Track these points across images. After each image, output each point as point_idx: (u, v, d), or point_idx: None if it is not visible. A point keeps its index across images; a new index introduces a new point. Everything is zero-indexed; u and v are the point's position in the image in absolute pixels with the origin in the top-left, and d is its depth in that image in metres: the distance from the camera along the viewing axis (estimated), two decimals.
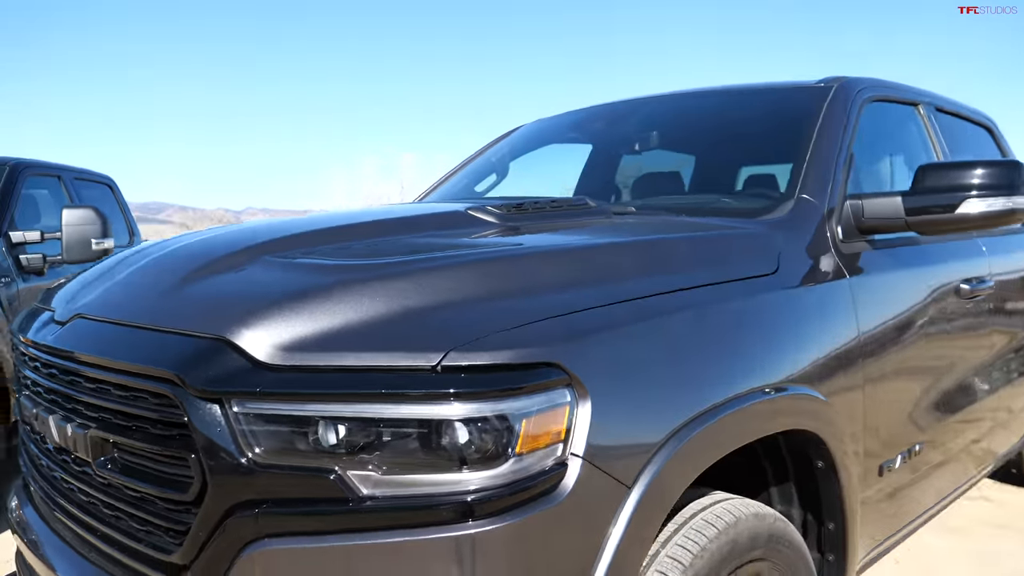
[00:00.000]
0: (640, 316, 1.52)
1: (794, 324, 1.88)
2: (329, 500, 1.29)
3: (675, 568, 1.54)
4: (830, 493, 2.00)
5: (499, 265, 1.53)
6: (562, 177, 3.54)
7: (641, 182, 3.03)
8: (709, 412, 1.55)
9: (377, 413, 1.29)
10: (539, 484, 1.30)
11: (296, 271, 1.54)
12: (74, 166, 5.60)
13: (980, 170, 2.18)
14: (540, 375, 1.32)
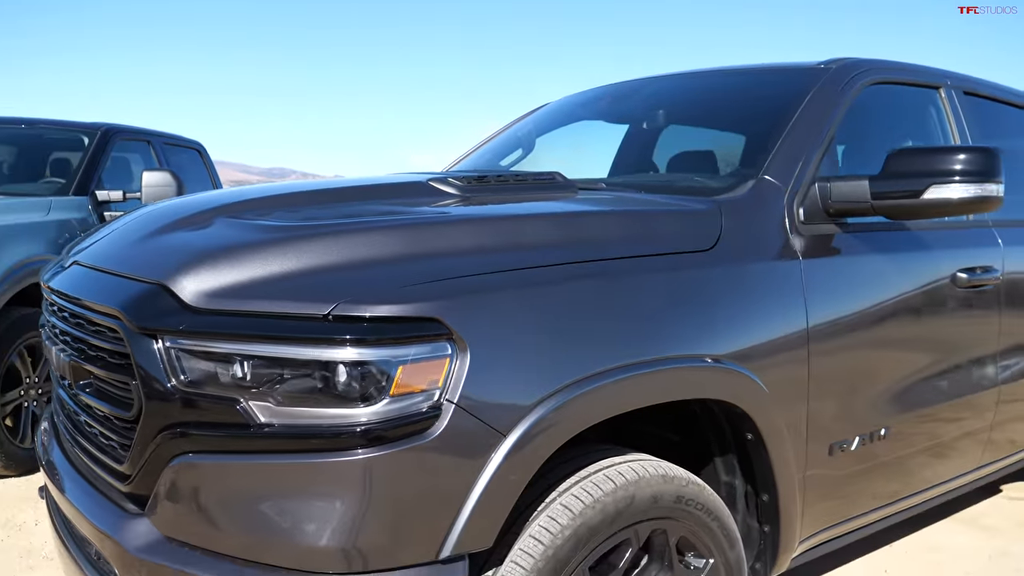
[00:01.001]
0: (535, 282, 1.65)
1: (723, 300, 1.95)
2: (235, 425, 1.49)
3: (565, 515, 1.68)
4: (762, 465, 2.07)
5: (405, 231, 1.69)
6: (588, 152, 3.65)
7: (637, 159, 3.11)
8: (601, 374, 1.66)
9: (276, 353, 1.48)
10: (413, 423, 1.46)
11: (234, 230, 1.74)
12: (165, 132, 6.07)
13: (951, 156, 2.17)
14: (419, 328, 1.48)
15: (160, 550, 1.57)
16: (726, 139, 2.98)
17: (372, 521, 1.46)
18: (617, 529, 1.75)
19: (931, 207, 2.17)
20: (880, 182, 2.20)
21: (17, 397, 4.06)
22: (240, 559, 1.52)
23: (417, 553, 1.49)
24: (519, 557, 1.64)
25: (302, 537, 1.47)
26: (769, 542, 2.18)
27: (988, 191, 2.16)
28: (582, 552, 1.69)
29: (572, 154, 3.65)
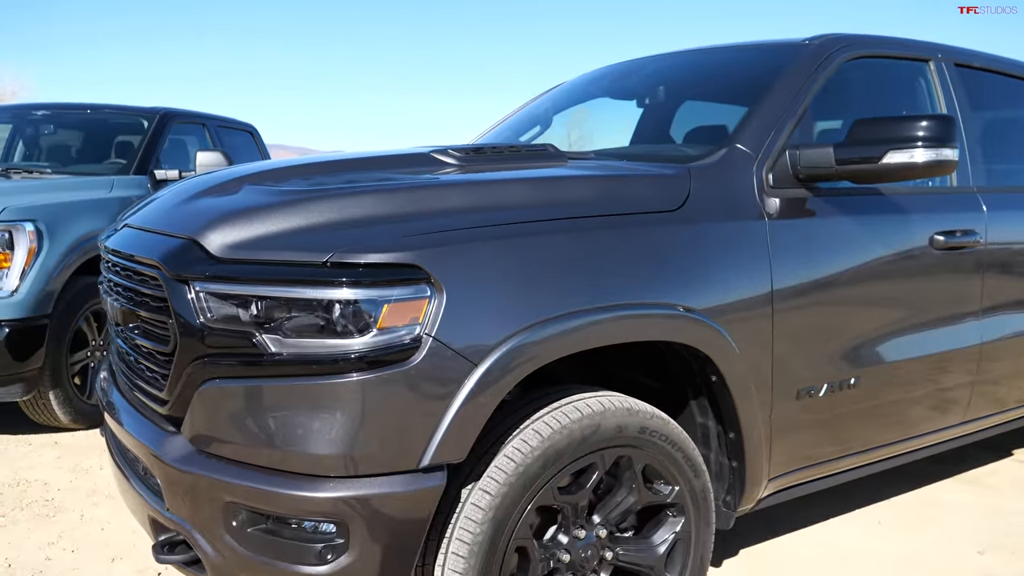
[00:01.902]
0: (510, 235, 1.91)
1: (688, 254, 2.18)
2: (252, 354, 1.79)
3: (535, 438, 1.95)
4: (728, 405, 2.30)
5: (396, 193, 1.96)
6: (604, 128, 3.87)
7: (650, 132, 3.33)
8: (567, 316, 1.91)
9: (284, 294, 1.77)
10: (397, 352, 1.74)
11: (254, 194, 2.04)
12: (219, 115, 6.46)
13: (908, 124, 2.34)
14: (402, 273, 1.76)
15: (193, 460, 1.89)
16: (727, 112, 3.17)
17: (364, 433, 1.74)
18: (583, 453, 2.01)
19: (890, 171, 2.35)
20: (844, 148, 2.39)
21: (84, 358, 4.48)
22: (257, 466, 1.82)
23: (402, 461, 1.77)
24: (494, 472, 1.91)
25: (309, 446, 1.76)
26: (738, 477, 2.41)
27: (943, 155, 2.33)
28: (550, 471, 1.95)
29: (588, 129, 3.88)
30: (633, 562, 2.20)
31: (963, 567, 3.04)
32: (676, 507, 2.23)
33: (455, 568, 1.89)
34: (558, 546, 2.08)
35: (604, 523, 2.14)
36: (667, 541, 2.23)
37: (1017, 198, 3.26)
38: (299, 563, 1.80)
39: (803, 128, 2.60)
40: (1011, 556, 3.15)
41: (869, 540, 3.26)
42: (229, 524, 1.84)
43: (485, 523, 1.88)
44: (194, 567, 1.98)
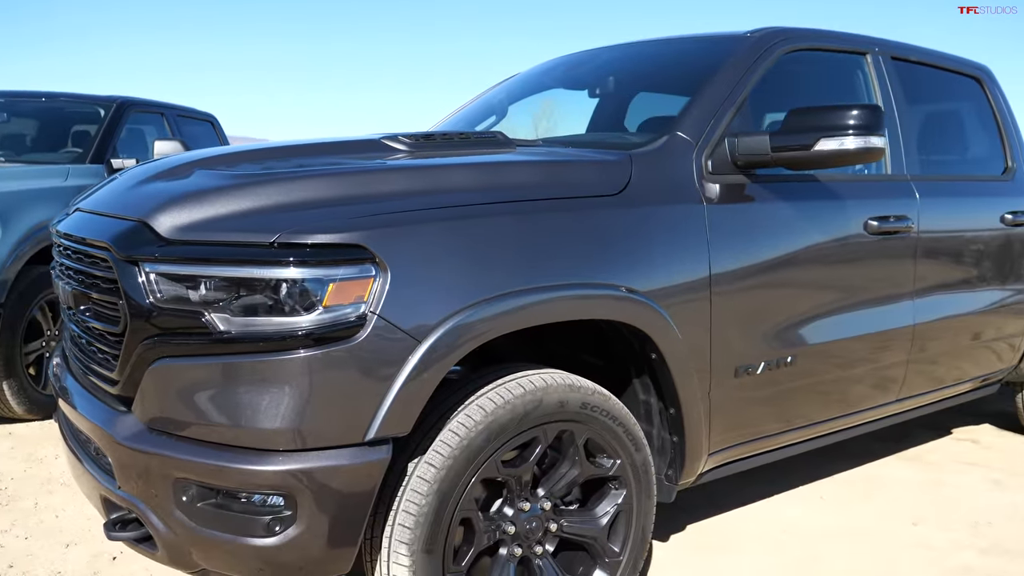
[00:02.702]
0: (454, 217, 1.98)
1: (628, 237, 2.27)
2: (201, 333, 1.84)
3: (479, 413, 2.02)
4: (667, 382, 2.39)
5: (343, 176, 2.02)
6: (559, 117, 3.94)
7: (598, 119, 3.41)
8: (507, 296, 1.99)
9: (232, 274, 1.82)
10: (342, 329, 1.80)
11: (204, 178, 2.08)
12: (178, 104, 6.43)
13: (839, 113, 2.45)
14: (347, 253, 1.82)
15: (143, 438, 1.93)
16: (678, 102, 3.26)
17: (311, 408, 1.80)
18: (526, 428, 2.08)
19: (822, 157, 2.46)
20: (779, 136, 2.49)
21: (39, 348, 4.46)
22: (207, 442, 1.87)
23: (348, 435, 1.84)
24: (440, 446, 1.98)
25: (256, 421, 1.81)
26: (679, 451, 2.51)
27: (871, 143, 2.43)
28: (494, 444, 2.03)
29: (545, 119, 3.95)
30: (577, 533, 2.29)
31: (898, 538, 3.18)
32: (618, 480, 2.32)
33: (401, 539, 1.96)
34: (503, 518, 2.16)
35: (548, 496, 2.22)
36: (609, 513, 2.31)
37: (949, 186, 3.40)
38: (248, 535, 1.86)
39: (744, 117, 2.70)
40: (944, 526, 3.30)
41: (811, 514, 3.39)
42: (179, 500, 1.89)
43: (431, 495, 1.95)
44: (145, 544, 2.02)
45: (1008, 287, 3.68)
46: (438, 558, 1.99)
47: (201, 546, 1.90)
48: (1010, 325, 3.77)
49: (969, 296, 3.47)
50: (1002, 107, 3.91)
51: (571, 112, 3.94)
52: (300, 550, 1.86)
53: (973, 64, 3.87)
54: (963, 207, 3.42)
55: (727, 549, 3.03)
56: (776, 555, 3.00)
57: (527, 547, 2.20)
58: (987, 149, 3.86)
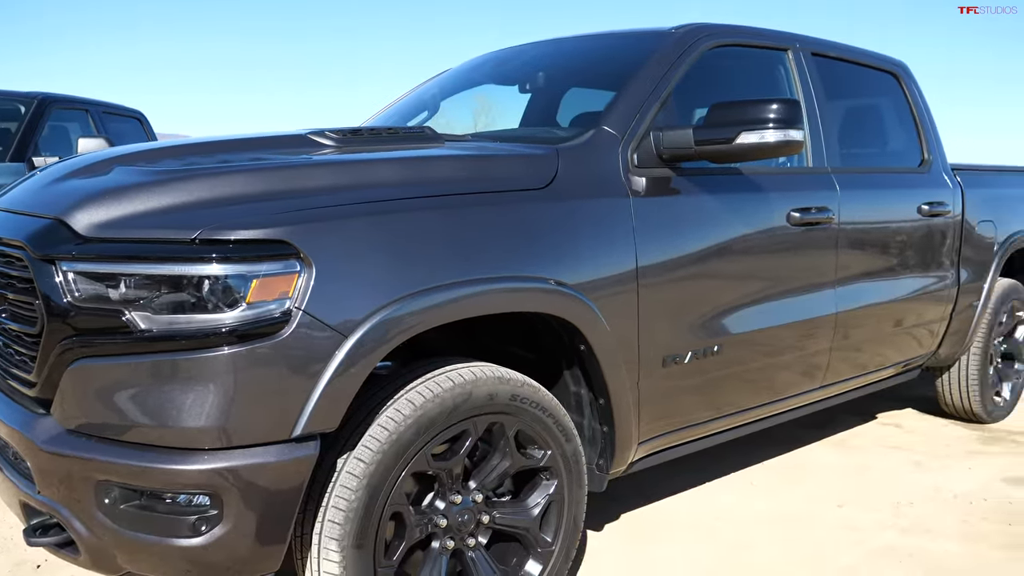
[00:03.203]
0: (379, 212, 1.98)
1: (555, 230, 2.29)
2: (121, 332, 1.80)
3: (408, 407, 2.02)
4: (597, 373, 2.43)
5: (267, 172, 2.01)
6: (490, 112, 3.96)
7: (530, 114, 3.44)
8: (434, 290, 2.00)
9: (153, 271, 1.80)
10: (267, 326, 1.79)
11: (126, 174, 2.04)
12: (104, 101, 6.26)
13: (760, 107, 2.51)
14: (270, 249, 1.80)
15: (63, 441, 1.89)
16: (607, 97, 3.30)
17: (236, 405, 1.78)
18: (456, 421, 2.10)
19: (743, 150, 2.52)
20: (702, 130, 2.55)
21: None
22: (130, 443, 1.84)
23: (274, 432, 1.82)
24: (369, 441, 1.98)
25: (180, 420, 1.79)
26: (609, 441, 2.55)
27: (790, 136, 2.51)
28: (423, 438, 2.04)
29: (477, 114, 3.96)
30: (509, 524, 2.31)
31: (824, 520, 3.28)
32: (549, 471, 2.35)
33: (331, 535, 1.95)
34: (435, 511, 2.17)
35: (480, 488, 2.24)
36: (541, 503, 2.34)
37: (868, 178, 3.52)
38: (173, 536, 1.83)
39: (670, 112, 2.75)
40: (867, 508, 3.41)
41: (742, 500, 3.47)
42: (102, 502, 1.86)
43: (360, 490, 1.95)
44: (67, 549, 1.98)
45: (926, 275, 3.82)
46: (369, 553, 1.99)
47: (126, 549, 1.87)
48: (929, 312, 3.92)
49: (889, 284, 3.59)
50: (918, 101, 4.06)
51: (509, 108, 3.96)
52: (228, 549, 1.84)
53: (890, 60, 4.00)
54: (882, 198, 3.54)
55: (660, 537, 3.09)
56: (708, 542, 3.07)
57: (459, 540, 2.22)
58: (904, 142, 4.00)
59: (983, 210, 4.17)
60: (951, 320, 4.08)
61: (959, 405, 4.55)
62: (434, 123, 3.70)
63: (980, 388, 4.46)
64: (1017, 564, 2.93)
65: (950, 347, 4.20)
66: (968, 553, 3.01)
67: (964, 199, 4.03)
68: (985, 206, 4.19)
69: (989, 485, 3.72)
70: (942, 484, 3.72)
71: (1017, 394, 4.85)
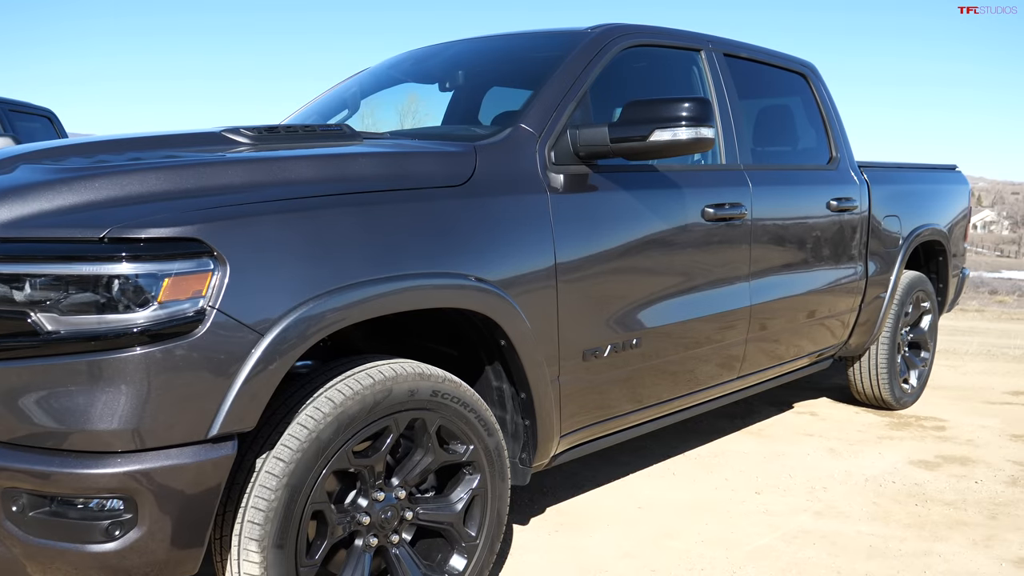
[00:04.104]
0: (294, 209, 1.97)
1: (473, 227, 2.32)
2: (27, 334, 1.75)
3: (328, 405, 2.02)
4: (517, 367, 2.46)
5: (178, 170, 1.97)
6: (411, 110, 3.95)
7: (452, 113, 3.46)
8: (352, 287, 1.99)
9: (59, 271, 1.75)
10: (180, 325, 1.76)
11: (29, 173, 1.98)
12: (11, 99, 6.02)
13: (672, 105, 2.58)
14: (182, 247, 1.78)
15: None
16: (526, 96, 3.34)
17: (149, 406, 1.75)
18: (376, 418, 2.10)
19: (656, 147, 2.58)
20: (616, 128, 2.60)
21: None
22: (39, 448, 1.78)
23: (189, 433, 1.79)
24: (288, 440, 1.97)
25: (91, 423, 1.74)
26: (531, 435, 2.58)
27: (702, 134, 2.58)
28: (343, 436, 2.03)
29: (399, 113, 3.95)
30: (434, 520, 2.32)
31: (743, 506, 3.38)
32: (471, 465, 2.37)
33: (251, 535, 1.93)
34: (357, 509, 2.17)
35: (403, 484, 2.25)
36: (464, 498, 2.36)
37: (779, 175, 3.65)
38: (86, 542, 1.79)
39: (586, 110, 2.81)
40: (783, 493, 3.54)
41: (664, 489, 3.56)
42: (8, 510, 1.80)
43: (280, 489, 1.93)
44: None
45: (836, 269, 3.98)
46: (290, 553, 1.98)
47: (36, 558, 1.82)
48: (839, 304, 4.08)
49: (801, 278, 3.73)
50: (826, 101, 4.22)
51: (432, 106, 3.96)
52: (143, 554, 1.80)
53: (799, 61, 4.15)
54: (792, 195, 3.67)
55: (585, 528, 3.15)
56: (632, 529, 3.13)
57: (383, 537, 2.22)
58: (813, 140, 4.16)
59: (888, 205, 4.36)
60: (860, 311, 4.26)
61: (870, 393, 4.75)
62: (356, 121, 3.70)
63: (889, 376, 4.66)
64: (923, 542, 3.08)
65: (860, 337, 4.38)
66: (877, 533, 3.15)
67: (871, 195, 4.22)
68: (890, 202, 4.39)
69: (898, 468, 3.89)
70: (854, 469, 3.87)
71: (923, 381, 5.09)
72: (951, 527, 3.22)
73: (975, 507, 3.44)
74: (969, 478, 3.79)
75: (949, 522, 3.27)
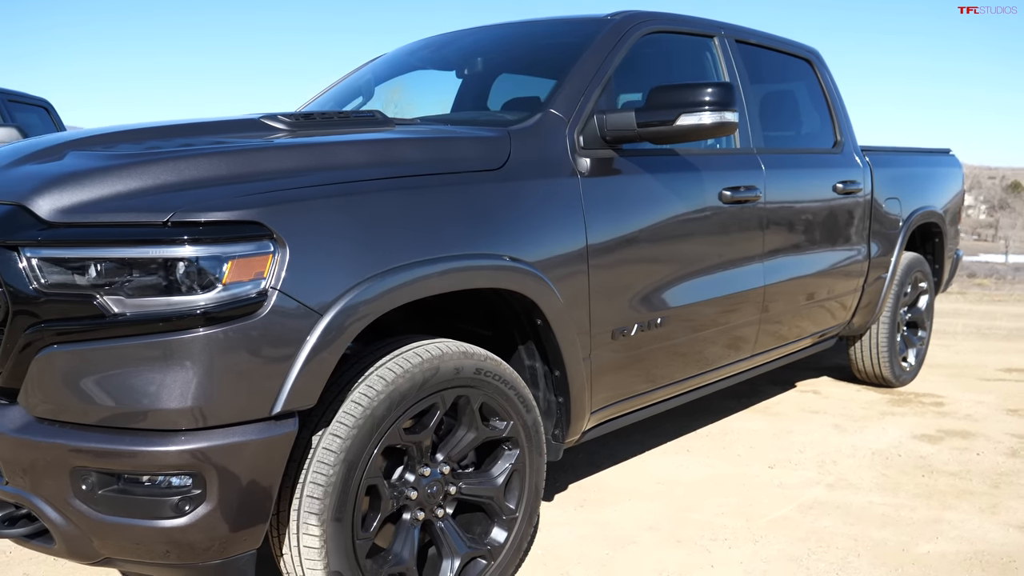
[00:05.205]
0: (346, 193, 2.02)
1: (511, 209, 2.39)
2: (93, 317, 1.80)
3: (380, 383, 2.08)
4: (552, 346, 2.53)
5: (234, 155, 2.02)
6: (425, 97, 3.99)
7: (462, 99, 3.51)
8: (403, 268, 2.06)
9: (125, 255, 1.79)
10: (244, 306, 1.81)
11: (84, 159, 2.02)
12: (9, 89, 5.99)
13: (697, 90, 2.65)
14: (244, 230, 1.83)
15: (33, 429, 1.86)
16: (546, 82, 3.40)
17: (216, 385, 1.80)
18: (425, 395, 2.17)
19: (682, 132, 2.65)
20: (643, 113, 2.67)
21: None
22: (104, 427, 1.83)
23: (254, 410, 1.85)
24: (343, 417, 2.03)
25: (160, 403, 1.79)
26: (564, 412, 2.66)
27: (726, 118, 2.66)
28: (395, 412, 2.10)
29: (411, 99, 3.99)
30: (475, 494, 2.40)
31: (758, 479, 3.49)
32: (511, 440, 2.44)
33: (311, 509, 1.99)
34: (405, 484, 2.24)
35: (447, 460, 2.32)
36: (505, 472, 2.44)
37: (790, 158, 3.74)
38: (156, 518, 1.84)
39: (609, 95, 2.87)
40: (795, 467, 3.64)
41: (680, 466, 3.65)
42: (78, 488, 1.85)
43: (337, 465, 2.00)
44: (39, 539, 1.97)
45: (842, 250, 4.08)
46: (347, 526, 2.05)
47: (104, 534, 1.87)
48: (844, 284, 4.18)
49: (810, 259, 3.83)
50: (830, 86, 4.31)
51: (431, 93, 4.00)
52: (210, 529, 1.86)
53: (804, 47, 4.24)
54: (802, 178, 3.77)
55: (608, 503, 3.23)
56: (653, 503, 3.22)
57: (429, 511, 2.29)
58: (818, 125, 4.25)
59: (889, 188, 4.47)
60: (863, 291, 4.37)
61: (870, 371, 4.87)
62: (372, 107, 3.73)
63: (889, 355, 4.78)
64: (933, 510, 3.19)
65: (863, 317, 4.49)
66: (888, 503, 3.26)
67: (873, 178, 4.32)
68: (891, 184, 4.49)
69: (902, 442, 4.01)
70: (860, 443, 3.99)
71: (921, 360, 5.22)
72: (958, 496, 3.34)
73: (978, 477, 3.56)
74: (970, 450, 3.92)
75: (955, 492, 3.39)
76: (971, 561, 2.78)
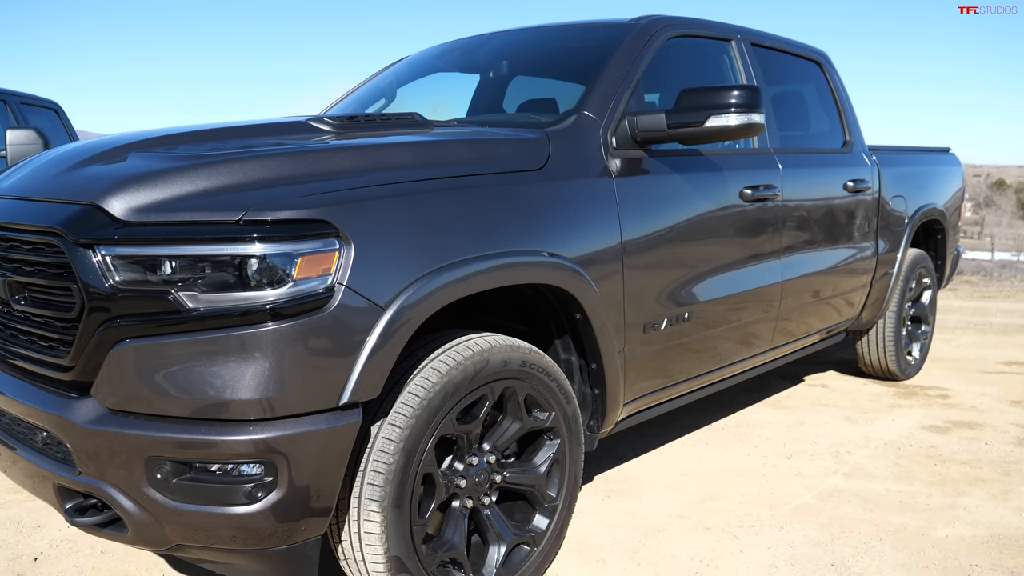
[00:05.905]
0: (402, 193, 2.11)
1: (553, 208, 2.48)
2: (168, 312, 1.87)
3: (435, 375, 2.17)
4: (589, 339, 2.62)
5: (296, 156, 2.10)
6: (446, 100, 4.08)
7: (488, 105, 3.60)
8: (457, 264, 2.14)
9: (199, 252, 1.87)
10: (313, 300, 1.89)
11: (151, 160, 2.09)
12: (21, 91, 6.03)
13: (725, 93, 2.75)
14: (312, 228, 1.91)
15: (108, 420, 1.94)
16: (562, 84, 3.49)
17: (286, 377, 1.88)
18: (476, 386, 2.25)
19: (711, 133, 2.75)
20: (673, 115, 2.77)
21: None
22: (176, 418, 1.91)
23: (323, 401, 1.93)
24: (401, 407, 2.11)
25: (227, 393, 1.87)
26: (599, 403, 2.75)
27: (753, 119, 2.76)
28: (450, 403, 2.18)
29: (431, 101, 4.07)
30: (519, 483, 2.49)
31: (777, 469, 3.59)
32: (552, 431, 2.53)
33: (372, 496, 2.08)
34: (455, 473, 2.32)
35: (493, 450, 2.40)
36: (547, 461, 2.53)
37: (804, 158, 3.84)
38: (229, 505, 1.92)
39: (638, 97, 2.97)
40: (811, 457, 3.75)
41: (700, 457, 3.75)
42: (153, 477, 1.92)
43: (397, 453, 2.08)
44: (110, 527, 2.04)
45: (852, 247, 4.19)
46: (406, 513, 2.13)
47: (177, 521, 1.94)
48: (854, 280, 4.30)
49: (823, 255, 3.94)
50: (839, 87, 4.43)
51: (451, 96, 4.09)
52: (279, 515, 1.93)
53: (814, 49, 4.35)
54: (816, 177, 3.87)
55: (634, 493, 3.33)
56: (678, 493, 3.32)
57: (476, 499, 2.38)
58: (828, 125, 4.36)
59: (896, 186, 4.59)
60: (871, 287, 4.49)
61: (877, 365, 4.99)
62: (393, 108, 3.81)
63: (895, 349, 4.90)
64: (947, 497, 3.30)
65: (871, 312, 4.61)
66: (904, 490, 3.37)
67: (880, 176, 4.43)
68: (897, 182, 4.61)
69: (912, 433, 4.13)
70: (872, 434, 4.10)
71: (924, 353, 5.34)
72: (970, 483, 3.45)
73: (989, 465, 3.68)
74: (979, 440, 4.04)
75: (968, 479, 3.50)
76: (988, 544, 2.89)
